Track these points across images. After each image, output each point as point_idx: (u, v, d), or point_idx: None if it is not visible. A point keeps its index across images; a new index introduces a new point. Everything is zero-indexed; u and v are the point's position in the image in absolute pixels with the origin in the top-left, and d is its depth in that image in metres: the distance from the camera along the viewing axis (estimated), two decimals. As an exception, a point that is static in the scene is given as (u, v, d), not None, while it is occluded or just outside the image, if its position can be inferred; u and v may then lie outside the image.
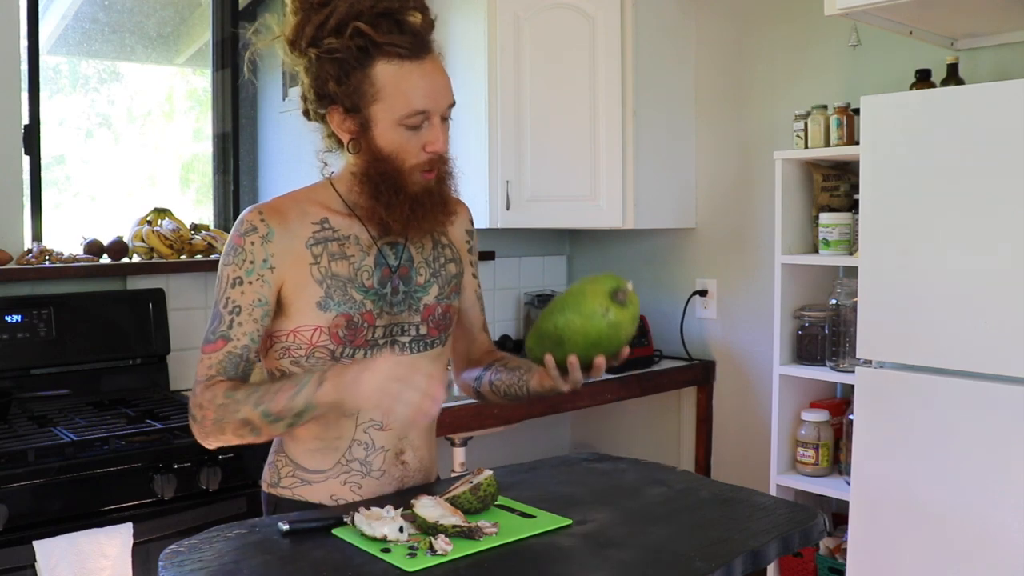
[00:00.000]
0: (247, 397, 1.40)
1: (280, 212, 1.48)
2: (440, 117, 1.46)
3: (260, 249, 1.45)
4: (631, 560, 1.21)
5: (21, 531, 1.98)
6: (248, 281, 1.45)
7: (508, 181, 3.08)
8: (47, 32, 3.14)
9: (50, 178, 3.05)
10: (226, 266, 1.46)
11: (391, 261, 1.53)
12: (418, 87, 1.42)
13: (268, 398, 1.39)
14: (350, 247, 1.50)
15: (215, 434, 1.42)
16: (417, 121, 1.43)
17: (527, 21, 3.08)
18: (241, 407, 1.39)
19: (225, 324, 1.45)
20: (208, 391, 1.42)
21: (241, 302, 1.44)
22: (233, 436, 1.41)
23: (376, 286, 1.50)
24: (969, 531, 2.04)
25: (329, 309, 1.46)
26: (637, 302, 1.44)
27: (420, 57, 1.43)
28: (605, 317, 1.39)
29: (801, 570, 2.79)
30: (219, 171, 3.37)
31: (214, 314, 1.47)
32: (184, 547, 1.25)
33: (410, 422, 1.46)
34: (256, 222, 1.46)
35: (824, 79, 2.93)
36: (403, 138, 1.44)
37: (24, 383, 2.51)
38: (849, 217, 2.65)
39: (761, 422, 3.10)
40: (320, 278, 1.47)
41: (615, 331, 1.41)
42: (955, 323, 2.05)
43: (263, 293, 1.45)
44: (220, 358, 1.44)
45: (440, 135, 1.46)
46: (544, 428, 3.62)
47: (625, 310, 1.41)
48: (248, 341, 1.45)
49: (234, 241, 1.46)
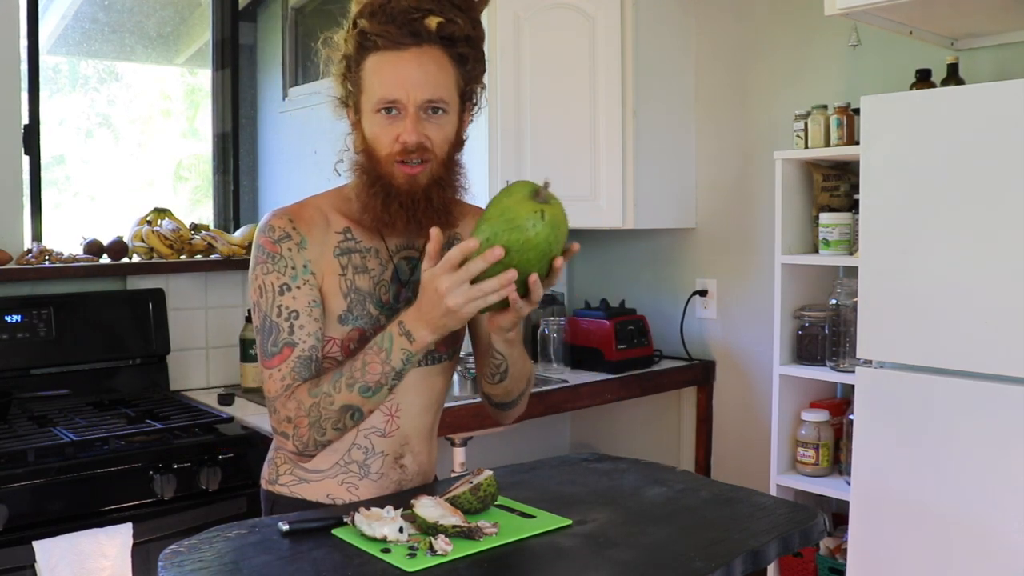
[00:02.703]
0: (334, 385, 1.36)
1: (308, 221, 1.46)
2: (418, 109, 1.41)
3: (298, 255, 1.43)
4: (631, 560, 1.21)
5: (21, 531, 1.98)
6: (296, 286, 1.42)
7: (508, 181, 3.07)
8: (47, 32, 3.14)
9: (50, 178, 3.05)
10: (267, 275, 1.42)
11: (404, 276, 1.52)
12: (389, 74, 1.41)
13: (359, 375, 1.36)
14: (371, 260, 1.49)
15: (315, 438, 1.38)
16: (385, 105, 1.41)
17: (527, 21, 3.08)
18: (335, 396, 1.36)
19: (285, 332, 1.40)
20: (290, 401, 1.38)
21: (296, 306, 1.41)
22: (334, 431, 1.38)
23: (392, 301, 1.50)
24: (969, 531, 2.04)
25: (347, 323, 1.46)
26: (556, 198, 1.32)
27: (402, 47, 1.40)
28: (543, 220, 1.28)
29: (801, 570, 2.79)
30: (219, 171, 3.37)
31: (268, 327, 1.41)
32: (184, 547, 1.25)
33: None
34: (288, 229, 1.44)
35: (824, 79, 2.93)
36: (379, 127, 1.43)
37: (24, 383, 2.51)
38: (849, 217, 2.65)
39: (761, 422, 3.10)
40: (346, 291, 1.46)
41: (556, 230, 1.29)
42: (955, 323, 2.05)
43: (315, 295, 1.43)
44: (291, 365, 1.40)
45: (411, 125, 1.40)
46: (544, 428, 3.62)
47: (552, 206, 1.30)
48: (314, 341, 1.42)
49: (269, 248, 1.43)
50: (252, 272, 1.45)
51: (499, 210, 1.29)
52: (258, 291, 1.43)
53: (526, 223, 1.27)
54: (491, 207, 1.31)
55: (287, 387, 1.39)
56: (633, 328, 3.19)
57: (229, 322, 2.92)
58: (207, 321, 2.90)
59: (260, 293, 1.42)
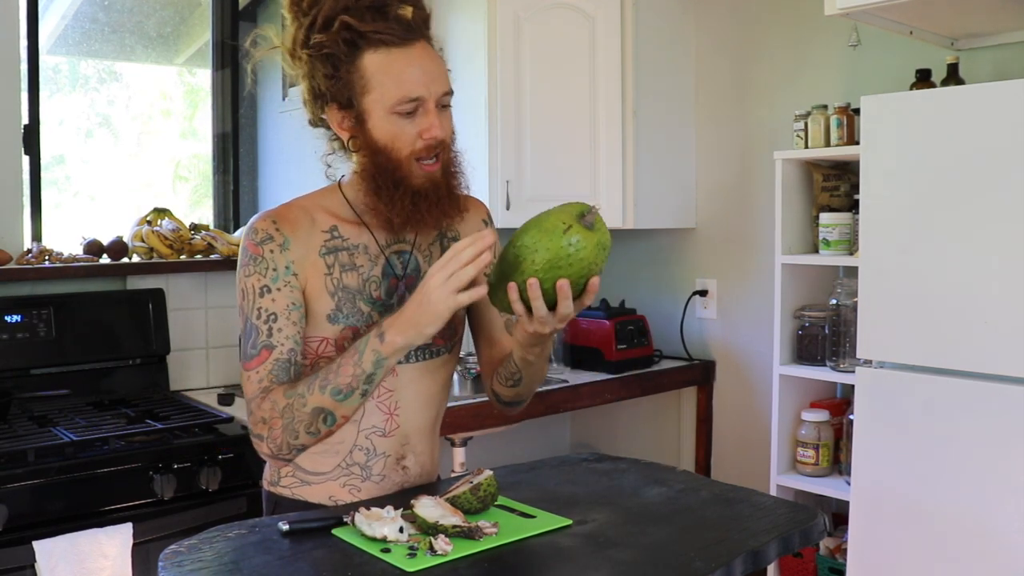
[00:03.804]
0: (309, 387, 1.36)
1: (292, 221, 1.45)
2: (436, 104, 1.41)
3: (280, 256, 1.42)
4: (631, 560, 1.21)
5: (21, 531, 1.98)
6: (277, 288, 1.41)
7: (508, 181, 3.08)
8: (47, 32, 3.14)
9: (50, 178, 3.05)
10: (248, 277, 1.42)
11: (398, 271, 1.51)
12: (406, 72, 1.39)
13: (332, 377, 1.35)
14: (359, 257, 1.48)
15: (288, 441, 1.37)
16: (410, 108, 1.39)
17: (527, 21, 3.08)
18: (307, 398, 1.35)
19: (264, 334, 1.40)
20: (266, 402, 1.38)
21: (275, 308, 1.41)
22: (307, 435, 1.37)
23: (384, 297, 1.49)
24: (969, 531, 2.03)
25: (338, 322, 1.45)
26: (606, 231, 1.30)
27: (408, 43, 1.39)
28: (565, 235, 1.26)
29: (801, 570, 2.79)
30: (219, 171, 3.37)
31: (248, 329, 1.41)
32: (184, 547, 1.25)
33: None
34: (271, 231, 1.43)
35: (824, 79, 2.93)
36: (397, 127, 1.40)
37: (24, 383, 2.51)
38: (849, 217, 2.65)
39: (761, 422, 3.10)
40: (332, 290, 1.45)
41: (577, 252, 1.27)
42: (955, 323, 2.05)
43: (295, 297, 1.42)
44: (268, 368, 1.39)
45: (436, 120, 1.41)
46: (544, 428, 3.62)
47: (591, 233, 1.27)
48: (292, 344, 1.41)
49: (251, 251, 1.42)
50: (237, 274, 1.45)
51: (544, 212, 1.30)
52: (241, 293, 1.43)
53: (553, 227, 1.27)
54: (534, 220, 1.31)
55: (264, 389, 1.39)
56: (633, 328, 3.19)
57: (229, 322, 2.92)
58: (207, 321, 2.90)
59: (243, 295, 1.43)
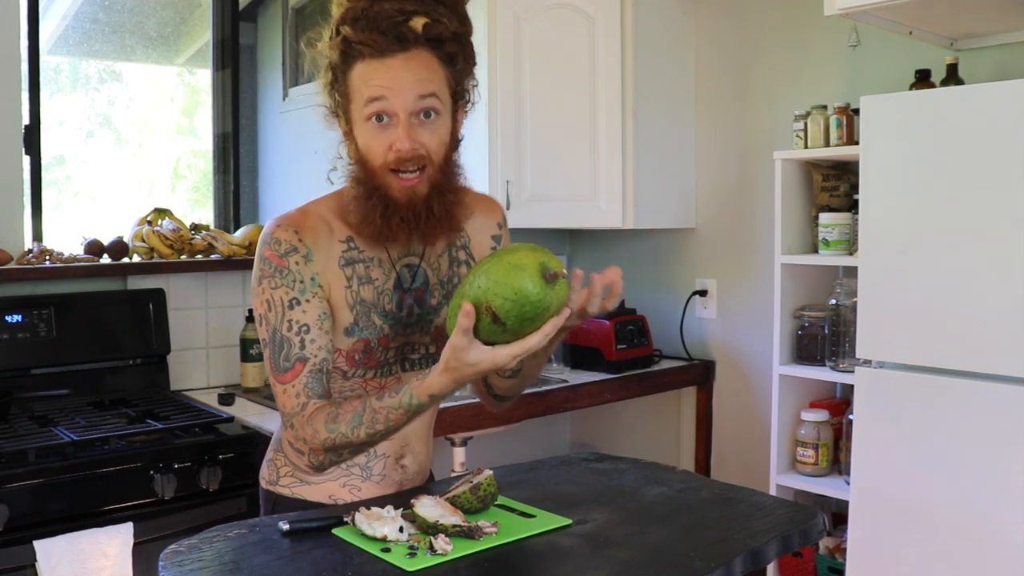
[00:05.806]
0: (351, 427, 1.37)
1: (312, 230, 1.43)
2: (411, 114, 1.37)
3: (306, 268, 1.41)
4: (631, 560, 1.21)
5: (21, 531, 1.98)
6: (306, 299, 1.41)
7: (508, 181, 3.08)
8: (47, 32, 3.14)
9: (50, 178, 3.05)
10: (275, 290, 1.40)
11: (407, 284, 1.51)
12: (375, 80, 1.37)
13: (379, 419, 1.37)
14: (374, 269, 1.47)
15: (331, 459, 1.43)
16: (375, 110, 1.37)
17: (527, 21, 3.08)
18: (351, 439, 1.38)
19: (297, 346, 1.40)
20: (308, 426, 1.39)
21: (307, 320, 1.40)
22: (349, 456, 1.43)
23: (395, 310, 1.49)
24: (969, 531, 2.04)
25: (354, 335, 1.45)
26: (566, 281, 1.31)
27: (389, 54, 1.36)
28: (540, 295, 1.25)
29: (801, 570, 2.79)
30: (219, 171, 3.37)
31: (277, 341, 1.40)
32: (184, 547, 1.25)
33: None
34: (295, 242, 1.41)
35: (824, 79, 2.93)
36: (371, 136, 1.39)
37: (24, 383, 2.52)
38: (849, 217, 2.65)
39: (761, 422, 3.10)
40: (352, 303, 1.45)
41: (544, 310, 1.27)
42: (955, 323, 2.05)
43: (324, 307, 1.42)
44: (304, 380, 1.39)
45: (404, 132, 1.36)
46: (544, 428, 3.62)
47: (555, 289, 1.28)
48: (325, 354, 1.42)
49: (276, 263, 1.41)
50: (258, 285, 1.43)
51: (505, 263, 1.26)
52: (266, 305, 1.41)
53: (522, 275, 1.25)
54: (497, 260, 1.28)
55: (303, 405, 1.39)
56: (633, 328, 3.19)
57: (229, 322, 2.92)
58: (207, 321, 2.90)
59: (268, 307, 1.41)
